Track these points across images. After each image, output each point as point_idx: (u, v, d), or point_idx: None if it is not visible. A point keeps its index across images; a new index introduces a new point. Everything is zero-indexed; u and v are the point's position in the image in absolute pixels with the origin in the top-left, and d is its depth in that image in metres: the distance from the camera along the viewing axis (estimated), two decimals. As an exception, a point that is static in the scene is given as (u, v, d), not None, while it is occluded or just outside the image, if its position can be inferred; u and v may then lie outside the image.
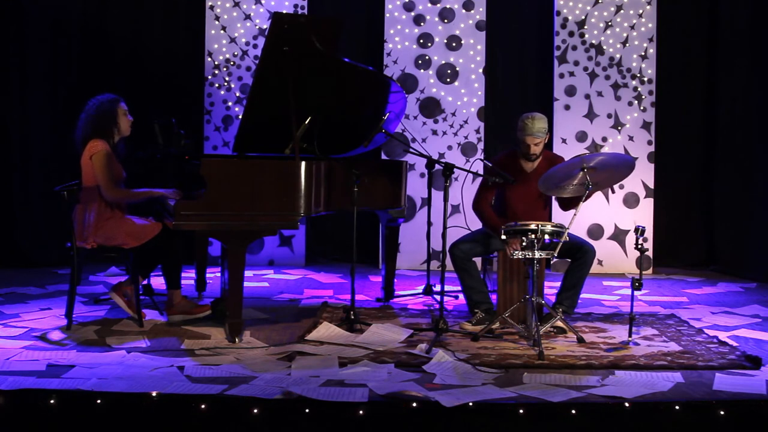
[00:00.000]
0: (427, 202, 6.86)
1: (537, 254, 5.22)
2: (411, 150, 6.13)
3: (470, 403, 4.05)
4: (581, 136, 8.32)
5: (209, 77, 8.27)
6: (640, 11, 8.34)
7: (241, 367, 4.69)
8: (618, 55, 8.34)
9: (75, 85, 8.20)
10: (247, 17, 8.30)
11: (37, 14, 8.09)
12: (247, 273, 6.48)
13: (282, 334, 5.54)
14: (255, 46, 8.27)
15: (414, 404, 4.05)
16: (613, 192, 5.79)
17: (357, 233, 5.65)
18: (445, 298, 6.20)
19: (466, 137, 8.31)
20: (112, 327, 5.60)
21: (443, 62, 8.31)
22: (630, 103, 8.35)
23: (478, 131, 8.31)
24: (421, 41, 8.31)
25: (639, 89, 8.34)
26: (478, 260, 5.92)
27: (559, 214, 6.47)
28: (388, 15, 8.31)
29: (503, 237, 5.36)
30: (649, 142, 8.36)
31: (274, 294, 6.98)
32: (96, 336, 5.37)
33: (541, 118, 5.76)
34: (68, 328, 5.50)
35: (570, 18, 8.34)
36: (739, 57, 8.39)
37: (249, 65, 8.27)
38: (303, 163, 5.31)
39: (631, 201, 8.34)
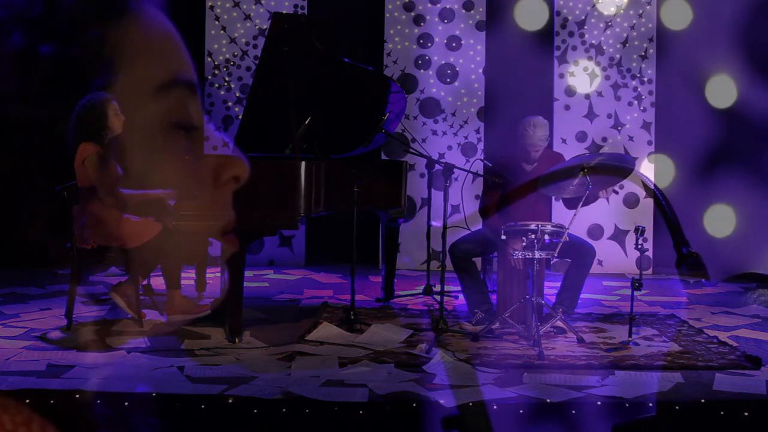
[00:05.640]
0: (427, 202, 6.85)
1: (537, 254, 5.22)
2: (411, 150, 6.13)
3: (470, 403, 4.05)
4: (581, 136, 8.32)
5: (209, 77, 8.27)
6: (640, 11, 8.34)
7: (241, 367, 4.69)
8: (618, 55, 8.34)
9: (75, 84, 8.19)
10: (247, 17, 8.29)
11: (37, 14, 8.09)
12: (247, 273, 6.45)
13: (282, 334, 5.54)
14: (255, 46, 8.26)
15: (414, 404, 4.05)
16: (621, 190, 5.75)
17: (357, 233, 5.64)
18: (445, 298, 6.19)
19: (466, 137, 8.30)
20: (112, 327, 5.60)
21: (443, 62, 8.31)
22: (630, 103, 8.34)
23: (478, 131, 8.30)
24: (421, 41, 8.31)
25: (639, 89, 8.34)
26: (478, 260, 5.92)
27: (559, 214, 6.48)
28: (388, 15, 8.31)
29: (503, 237, 5.37)
30: (649, 142, 8.36)
31: (274, 294, 6.97)
32: (96, 336, 5.37)
33: (543, 125, 5.76)
34: (68, 328, 5.49)
35: (570, 18, 8.33)
36: (739, 56, 8.38)
37: (249, 65, 8.27)
38: (303, 163, 5.31)
39: (631, 201, 8.34)
